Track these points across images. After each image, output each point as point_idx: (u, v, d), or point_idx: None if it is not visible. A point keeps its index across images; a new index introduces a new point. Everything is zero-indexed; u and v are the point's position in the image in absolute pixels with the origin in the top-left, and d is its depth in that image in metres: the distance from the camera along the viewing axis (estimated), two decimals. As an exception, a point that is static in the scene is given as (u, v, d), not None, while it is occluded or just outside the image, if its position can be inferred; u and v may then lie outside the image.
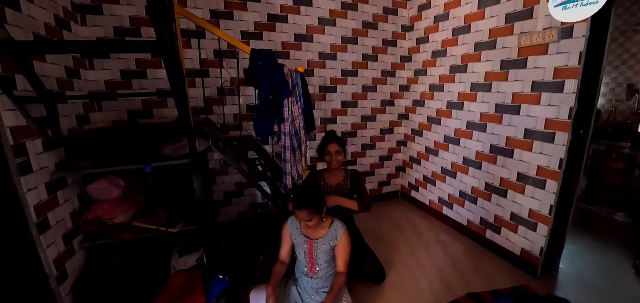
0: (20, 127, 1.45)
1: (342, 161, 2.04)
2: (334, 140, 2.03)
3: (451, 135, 2.84)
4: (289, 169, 2.20)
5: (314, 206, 1.53)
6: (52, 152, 1.68)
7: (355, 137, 3.35)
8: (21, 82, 1.50)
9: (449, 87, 2.82)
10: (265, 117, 2.08)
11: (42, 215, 1.56)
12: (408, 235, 2.90)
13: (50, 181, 1.64)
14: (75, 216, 1.83)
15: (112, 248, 1.96)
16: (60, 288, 1.63)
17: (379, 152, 3.54)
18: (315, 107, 3.08)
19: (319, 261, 1.66)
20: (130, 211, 2.02)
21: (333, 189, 2.08)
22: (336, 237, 1.63)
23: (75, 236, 1.81)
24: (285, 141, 2.14)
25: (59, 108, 1.80)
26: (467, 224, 2.76)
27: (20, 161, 1.44)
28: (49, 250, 1.57)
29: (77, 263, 1.80)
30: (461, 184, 2.78)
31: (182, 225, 2.05)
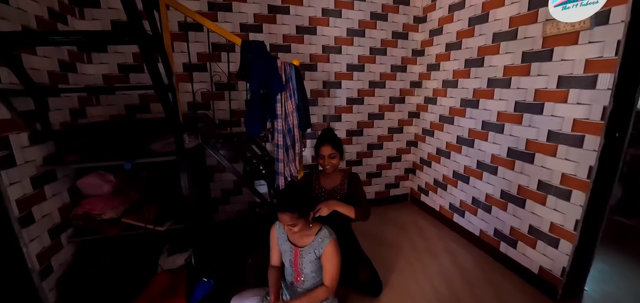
0: (2, 120, 1.44)
1: (336, 164, 1.88)
2: (327, 142, 1.86)
3: (465, 136, 2.60)
4: (282, 169, 2.08)
5: (298, 209, 1.39)
6: (41, 146, 1.68)
7: (361, 136, 3.17)
8: (7, 74, 1.49)
9: (464, 84, 2.57)
10: (256, 113, 1.97)
11: (26, 210, 1.55)
12: (415, 242, 2.69)
13: (36, 175, 1.63)
14: (64, 210, 1.83)
15: (103, 244, 1.94)
16: (44, 282, 1.62)
17: (387, 152, 3.34)
18: (318, 104, 2.94)
19: (305, 270, 1.53)
20: (121, 207, 2.00)
21: (328, 193, 1.94)
22: (322, 246, 1.48)
23: (63, 231, 1.81)
24: (278, 139, 2.03)
25: (51, 102, 1.81)
26: (480, 234, 2.51)
27: (2, 155, 1.43)
28: (32, 244, 1.56)
29: (64, 258, 1.79)
30: (474, 190, 2.53)
31: (170, 224, 2.00)
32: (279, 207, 1.40)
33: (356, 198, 1.88)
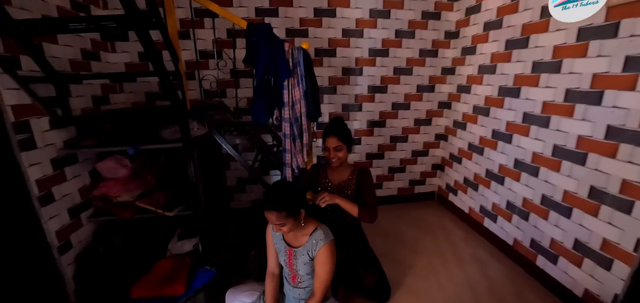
0: (23, 105, 1.54)
1: (343, 158, 1.72)
2: (333, 133, 1.70)
3: (501, 130, 2.25)
4: (289, 160, 1.99)
5: (285, 207, 1.26)
6: (61, 130, 1.78)
7: (384, 127, 2.95)
8: (29, 62, 1.59)
9: (503, 69, 2.21)
10: (262, 100, 1.88)
11: (45, 189, 1.66)
12: (440, 245, 2.46)
13: (56, 157, 1.74)
14: (85, 191, 1.95)
15: (121, 225, 2.05)
16: (62, 258, 1.74)
17: (413, 146, 3.06)
18: (337, 93, 2.78)
19: (300, 272, 1.42)
20: (136, 191, 2.07)
21: (335, 188, 1.80)
22: (315, 249, 1.36)
23: (83, 211, 1.93)
24: (285, 128, 1.93)
25: (73, 89, 1.92)
26: (514, 244, 2.18)
27: (22, 138, 1.53)
28: (51, 221, 1.68)
29: (83, 236, 1.92)
30: (510, 193, 2.19)
31: (179, 210, 2.04)
32: (264, 204, 1.29)
33: (364, 197, 1.72)
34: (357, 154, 2.99)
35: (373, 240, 2.52)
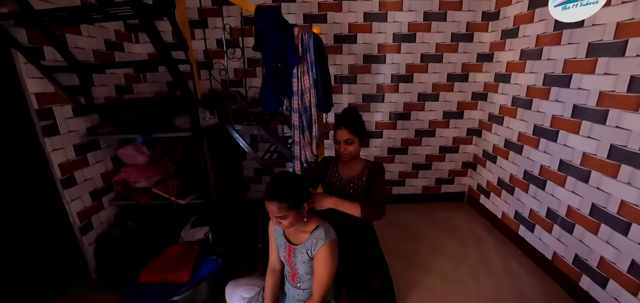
0: (46, 93, 1.64)
1: (353, 152, 1.57)
2: (344, 125, 1.55)
3: (545, 125, 1.93)
4: (298, 153, 1.90)
5: (288, 199, 1.17)
6: (84, 118, 1.88)
7: (408, 120, 2.72)
8: (53, 52, 1.68)
9: (551, 53, 1.88)
10: (271, 89, 1.81)
11: (68, 173, 1.77)
12: (467, 251, 2.23)
13: (79, 144, 1.84)
14: (107, 176, 2.06)
15: (140, 208, 2.14)
16: (84, 237, 1.86)
17: (441, 141, 2.80)
18: (358, 82, 2.61)
19: (299, 271, 1.34)
20: (154, 178, 2.14)
21: (345, 184, 1.67)
22: (315, 247, 1.26)
23: (105, 194, 2.05)
24: (294, 119, 1.84)
25: (97, 79, 2.01)
26: (553, 258, 1.88)
27: (46, 124, 1.64)
28: (73, 203, 1.79)
29: (105, 218, 2.03)
30: (551, 200, 1.88)
31: (191, 198, 2.07)
32: (266, 195, 1.23)
33: (372, 193, 1.57)
34: (378, 149, 2.81)
35: (392, 239, 2.40)
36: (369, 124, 2.72)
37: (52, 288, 1.77)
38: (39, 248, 1.69)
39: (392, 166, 2.86)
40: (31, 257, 1.66)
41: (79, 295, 1.83)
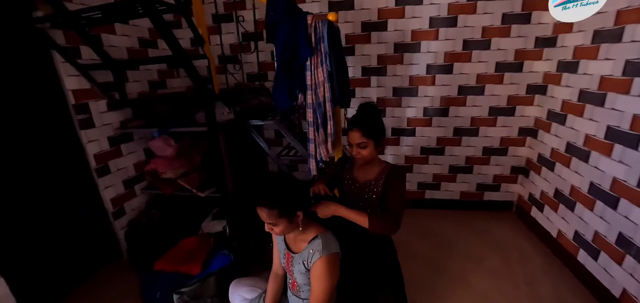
0: (82, 90, 1.79)
1: (367, 156, 1.37)
2: (356, 125, 1.35)
3: (623, 128, 1.50)
4: (314, 151, 1.79)
5: (277, 205, 1.08)
6: (118, 112, 2.03)
7: (445, 117, 2.40)
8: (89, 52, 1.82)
9: (635, 33, 1.44)
10: (283, 83, 1.72)
11: (102, 163, 1.93)
12: (511, 270, 1.92)
13: (113, 136, 1.99)
14: (139, 166, 2.21)
15: (169, 198, 2.26)
16: (116, 221, 2.03)
17: (485, 142, 2.42)
18: (387, 74, 2.37)
19: (298, 280, 1.25)
20: (180, 170, 2.24)
21: (360, 188, 1.50)
22: (311, 260, 1.15)
23: (137, 183, 2.20)
24: (309, 115, 1.73)
25: (130, 75, 2.15)
26: (621, 297, 1.47)
27: (82, 118, 1.79)
28: (107, 190, 1.96)
29: (136, 205, 2.19)
30: (625, 223, 1.46)
31: (211, 192, 2.11)
32: (255, 199, 1.15)
33: (387, 202, 1.38)
34: (409, 148, 2.55)
35: (419, 248, 2.17)
36: (400, 121, 2.47)
37: (90, 266, 1.97)
38: (78, 230, 1.89)
39: (425, 167, 2.58)
40: (71, 237, 1.86)
41: (113, 273, 2.01)
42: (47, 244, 1.73)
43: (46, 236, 1.72)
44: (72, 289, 1.86)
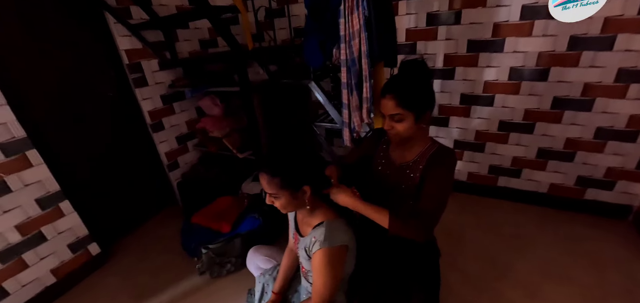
0: (135, 49, 1.90)
1: (405, 133, 1.04)
2: (390, 91, 1.02)
3: None
4: (347, 118, 1.54)
5: (279, 173, 0.92)
6: (170, 71, 2.13)
7: (543, 81, 1.74)
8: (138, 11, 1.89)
9: None
10: (314, 36, 1.47)
11: (156, 119, 2.09)
12: (609, 295, 1.40)
13: (166, 94, 2.12)
14: (191, 123, 2.34)
15: (216, 156, 2.36)
16: (171, 173, 2.24)
17: (602, 119, 1.69)
18: (461, 21, 1.79)
19: (304, 265, 1.12)
20: (226, 129, 2.28)
21: (395, 172, 1.20)
22: (312, 248, 0.99)
23: (190, 140, 2.35)
24: (342, 74, 1.46)
25: (180, 34, 2.20)
26: None
27: (136, 77, 1.93)
28: (161, 145, 2.14)
29: (189, 159, 2.36)
30: None
31: (248, 154, 2.10)
32: (260, 163, 1.00)
33: (423, 194, 1.06)
34: (483, 122, 1.99)
35: (481, 242, 1.79)
36: (474, 86, 1.92)
37: (150, 209, 2.27)
38: (140, 178, 2.15)
39: (503, 147, 2.01)
40: (135, 184, 2.14)
41: (168, 217, 2.28)
42: (115, 187, 2.02)
43: (114, 180, 2.01)
44: (136, 227, 2.19)
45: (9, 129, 1.41)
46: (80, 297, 1.70)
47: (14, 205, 1.47)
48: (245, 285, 1.57)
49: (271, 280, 1.31)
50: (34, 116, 1.57)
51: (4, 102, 1.38)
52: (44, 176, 1.55)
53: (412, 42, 1.95)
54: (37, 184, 1.53)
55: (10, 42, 1.48)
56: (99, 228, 1.89)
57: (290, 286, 1.28)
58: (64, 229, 1.67)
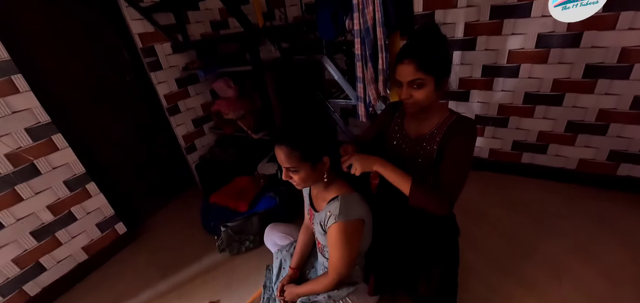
0: (148, 33, 1.91)
1: (424, 101, 0.97)
2: (410, 55, 0.95)
3: None
4: (362, 92, 1.50)
5: (300, 146, 0.91)
6: (183, 54, 2.13)
7: (575, 48, 1.60)
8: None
9: None
10: (326, 6, 1.41)
11: (172, 103, 2.12)
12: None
13: (180, 77, 2.14)
14: (206, 106, 2.36)
15: (233, 138, 2.39)
16: (189, 156, 2.29)
17: (636, 88, 1.55)
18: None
19: (320, 240, 1.12)
20: (241, 111, 2.29)
21: (411, 145, 1.15)
22: (327, 223, 0.98)
23: (205, 122, 2.38)
24: (356, 46, 1.40)
25: (191, 16, 2.18)
26: None
27: (150, 60, 1.95)
28: (178, 128, 2.18)
29: (206, 142, 2.40)
30: None
31: (263, 134, 2.10)
32: (276, 137, 0.99)
33: (441, 167, 1.02)
34: (508, 94, 1.88)
35: (506, 221, 1.73)
36: (497, 55, 1.80)
37: (171, 190, 2.34)
38: (160, 160, 2.21)
39: (528, 122, 1.90)
40: (156, 167, 2.20)
41: (190, 198, 2.35)
42: (137, 169, 2.09)
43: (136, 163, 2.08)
44: (160, 207, 2.28)
45: (34, 114, 1.47)
46: (111, 273, 1.80)
47: (45, 186, 1.55)
48: (264, 261, 1.62)
49: (288, 256, 1.32)
50: (57, 102, 1.63)
51: (27, 89, 1.44)
52: (70, 159, 1.62)
53: (429, 11, 1.85)
54: (64, 167, 1.61)
55: (34, 31, 1.53)
56: (125, 209, 1.98)
57: (307, 261, 1.29)
58: (91, 209, 1.75)
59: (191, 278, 1.69)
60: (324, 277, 1.07)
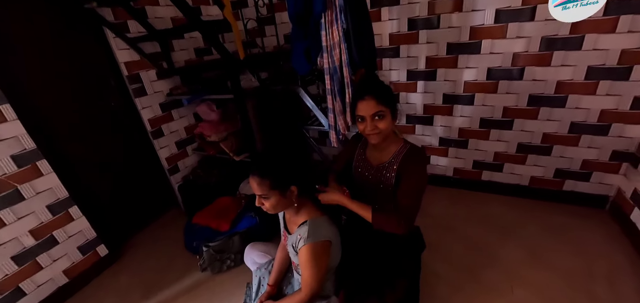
0: (133, 61, 2.01)
1: (386, 129, 1.14)
2: (369, 92, 1.13)
3: None
4: (333, 122, 1.66)
5: (269, 175, 1.02)
6: (167, 80, 2.24)
7: (518, 80, 1.83)
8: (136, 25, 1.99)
9: None
10: (299, 45, 1.58)
11: (156, 126, 2.20)
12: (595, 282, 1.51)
13: (164, 102, 2.23)
14: (189, 129, 2.46)
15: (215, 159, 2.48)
16: (172, 177, 2.36)
17: (575, 115, 1.79)
18: (440, 26, 1.89)
19: (293, 260, 1.24)
20: (223, 133, 2.39)
21: (374, 173, 1.31)
22: (297, 245, 1.10)
23: (189, 144, 2.47)
24: (327, 81, 1.57)
25: (176, 44, 2.30)
26: None
27: (135, 87, 2.04)
28: (162, 150, 2.26)
29: (189, 163, 2.48)
30: None
31: (245, 156, 2.21)
32: (251, 167, 1.10)
33: (400, 191, 1.17)
34: (465, 120, 2.10)
35: (474, 232, 1.90)
36: (454, 86, 2.03)
37: (153, 211, 2.40)
38: (143, 183, 2.27)
39: (485, 143, 2.11)
40: (139, 189, 2.26)
41: (172, 218, 2.41)
42: (120, 192, 2.14)
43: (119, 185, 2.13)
44: (142, 228, 2.32)
45: (20, 142, 1.53)
46: (91, 295, 1.83)
47: (28, 211, 1.59)
48: (245, 279, 1.69)
49: (267, 274, 1.41)
50: (43, 128, 1.69)
51: (15, 118, 1.50)
52: (54, 184, 1.67)
53: (395, 46, 2.06)
54: (48, 192, 1.65)
55: (23, 60, 1.61)
56: (107, 231, 2.02)
57: (284, 278, 1.39)
58: (73, 232, 1.79)
59: (173, 297, 1.74)
60: (298, 293, 1.17)
